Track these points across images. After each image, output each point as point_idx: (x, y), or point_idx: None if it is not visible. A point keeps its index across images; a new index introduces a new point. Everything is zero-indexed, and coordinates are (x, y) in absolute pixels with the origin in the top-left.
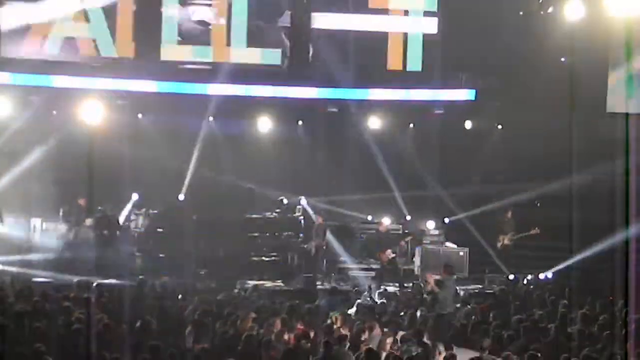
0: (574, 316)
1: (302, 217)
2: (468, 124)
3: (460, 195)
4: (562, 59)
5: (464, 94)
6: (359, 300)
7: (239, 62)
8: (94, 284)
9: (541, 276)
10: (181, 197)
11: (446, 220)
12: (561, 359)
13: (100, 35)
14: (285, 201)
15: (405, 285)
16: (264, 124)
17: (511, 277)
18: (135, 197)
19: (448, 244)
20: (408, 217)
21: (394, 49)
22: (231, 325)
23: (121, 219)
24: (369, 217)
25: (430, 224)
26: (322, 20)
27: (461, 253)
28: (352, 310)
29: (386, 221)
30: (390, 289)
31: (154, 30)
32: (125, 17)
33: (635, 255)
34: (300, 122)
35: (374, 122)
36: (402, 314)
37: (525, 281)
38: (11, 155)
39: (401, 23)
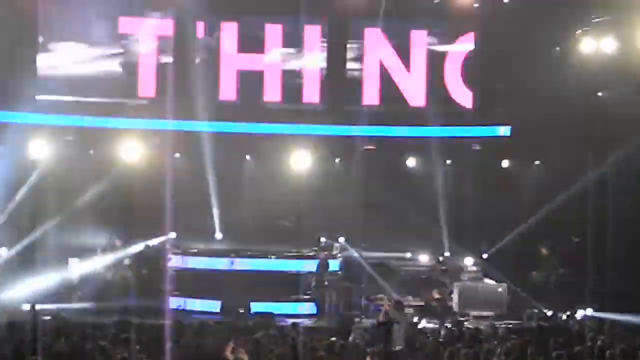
0: (614, 352)
1: (340, 255)
2: (505, 161)
3: (499, 231)
4: (599, 94)
5: (501, 131)
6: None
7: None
8: (134, 324)
9: (580, 313)
10: (219, 235)
11: (484, 256)
12: None
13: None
14: (322, 239)
15: (445, 323)
16: (302, 161)
17: (549, 313)
18: (172, 235)
19: (487, 280)
20: (447, 254)
21: None
22: None
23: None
24: (408, 254)
25: (469, 260)
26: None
27: (500, 289)
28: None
29: (424, 258)
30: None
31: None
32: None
33: None
34: (337, 160)
35: (412, 159)
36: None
37: (564, 317)
38: (50, 195)
39: None
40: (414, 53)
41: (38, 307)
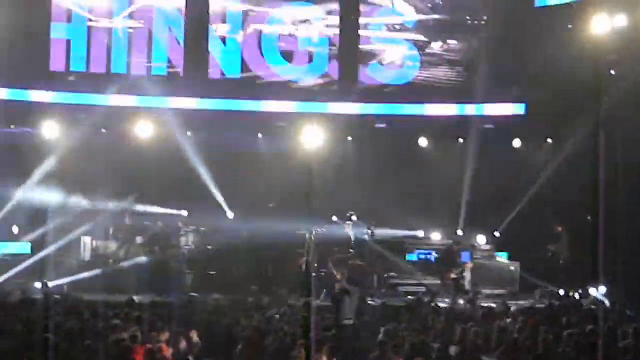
0: (626, 331)
1: (352, 233)
2: (517, 139)
3: (511, 210)
4: (611, 71)
5: (514, 108)
6: None
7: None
8: (145, 302)
9: (592, 291)
10: (230, 214)
11: (496, 234)
12: None
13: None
14: (334, 218)
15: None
16: (313, 140)
17: (561, 291)
18: (184, 213)
19: (499, 258)
20: (459, 232)
21: None
22: (281, 341)
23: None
24: (420, 233)
25: (481, 238)
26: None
27: (512, 267)
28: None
29: (436, 236)
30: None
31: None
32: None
33: None
34: (349, 138)
35: (424, 138)
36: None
37: (577, 296)
38: (61, 173)
39: None
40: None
41: (50, 284)
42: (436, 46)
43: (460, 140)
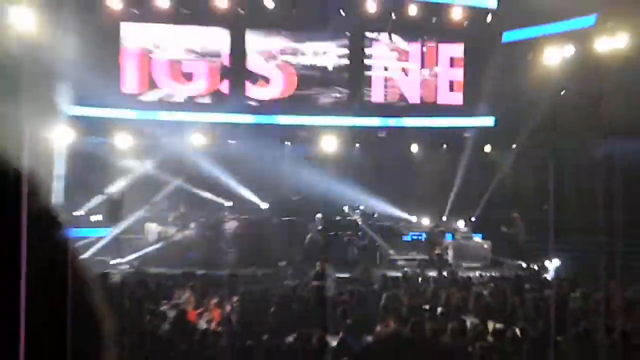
0: (575, 294)
1: (360, 220)
2: (488, 145)
3: (484, 200)
4: (562, 92)
5: (486, 121)
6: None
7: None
8: (198, 274)
9: (548, 265)
10: (264, 205)
11: (473, 219)
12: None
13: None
14: (345, 208)
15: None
16: (329, 146)
17: (524, 264)
18: (229, 204)
19: (475, 238)
20: (444, 218)
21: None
22: (306, 304)
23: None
24: (414, 219)
25: (461, 223)
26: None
27: (485, 245)
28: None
29: (426, 221)
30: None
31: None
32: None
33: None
34: (357, 145)
35: (416, 144)
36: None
37: (536, 268)
38: (132, 173)
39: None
40: (412, 60)
41: (124, 260)
42: (425, 73)
43: (444, 146)
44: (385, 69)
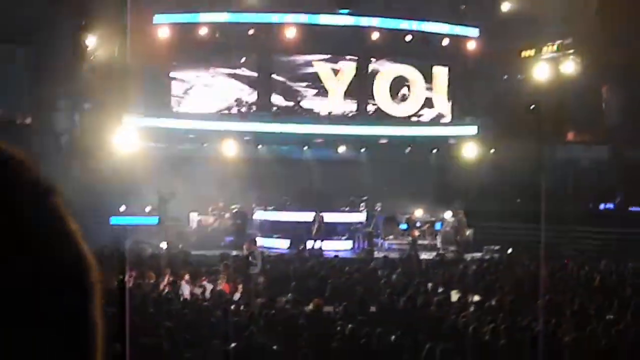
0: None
1: (366, 212)
2: (472, 150)
3: (468, 194)
4: (532, 106)
5: (470, 130)
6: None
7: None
8: (230, 255)
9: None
10: (286, 198)
11: (458, 210)
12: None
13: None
14: (352, 199)
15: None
16: (339, 150)
17: (496, 248)
18: (256, 197)
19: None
20: (435, 210)
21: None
22: (320, 281)
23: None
24: (409, 210)
25: (448, 214)
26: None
27: (468, 232)
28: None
29: (419, 212)
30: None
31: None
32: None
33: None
34: (362, 150)
35: (411, 149)
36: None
37: (509, 251)
38: (181, 172)
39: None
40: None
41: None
42: (420, 91)
43: (435, 150)
44: (389, 87)
